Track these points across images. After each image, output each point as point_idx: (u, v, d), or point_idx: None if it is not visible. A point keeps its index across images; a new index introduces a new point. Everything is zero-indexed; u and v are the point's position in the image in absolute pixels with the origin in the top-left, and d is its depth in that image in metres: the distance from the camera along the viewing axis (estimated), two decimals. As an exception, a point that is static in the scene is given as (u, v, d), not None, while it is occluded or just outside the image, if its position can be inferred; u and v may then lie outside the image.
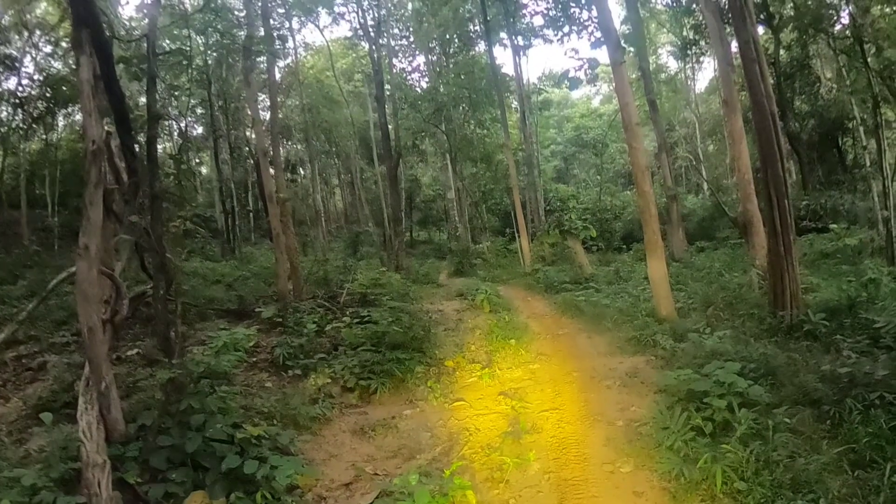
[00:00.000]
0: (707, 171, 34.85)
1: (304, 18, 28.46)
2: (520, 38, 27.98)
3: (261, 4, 16.33)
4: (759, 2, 20.87)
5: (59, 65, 26.27)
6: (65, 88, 24.86)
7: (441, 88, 28.79)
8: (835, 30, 20.62)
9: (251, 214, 34.95)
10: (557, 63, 76.64)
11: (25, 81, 25.22)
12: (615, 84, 12.11)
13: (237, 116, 31.66)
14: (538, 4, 25.89)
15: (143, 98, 22.09)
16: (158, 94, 16.83)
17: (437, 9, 28.61)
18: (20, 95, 24.80)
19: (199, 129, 33.72)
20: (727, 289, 11.40)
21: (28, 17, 24.65)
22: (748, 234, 12.64)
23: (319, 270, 16.86)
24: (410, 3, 32.79)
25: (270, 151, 16.38)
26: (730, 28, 13.68)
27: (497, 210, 36.68)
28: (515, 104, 32.34)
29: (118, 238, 6.65)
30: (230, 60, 25.86)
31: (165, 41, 20.38)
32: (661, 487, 5.12)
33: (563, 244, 21.10)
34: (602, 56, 23.92)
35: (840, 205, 20.24)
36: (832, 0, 20.17)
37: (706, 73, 51.26)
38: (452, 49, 31.31)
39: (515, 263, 24.41)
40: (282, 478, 5.19)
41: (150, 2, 9.65)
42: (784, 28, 23.30)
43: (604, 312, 12.03)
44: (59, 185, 26.46)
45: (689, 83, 38.52)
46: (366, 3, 26.01)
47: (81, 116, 5.81)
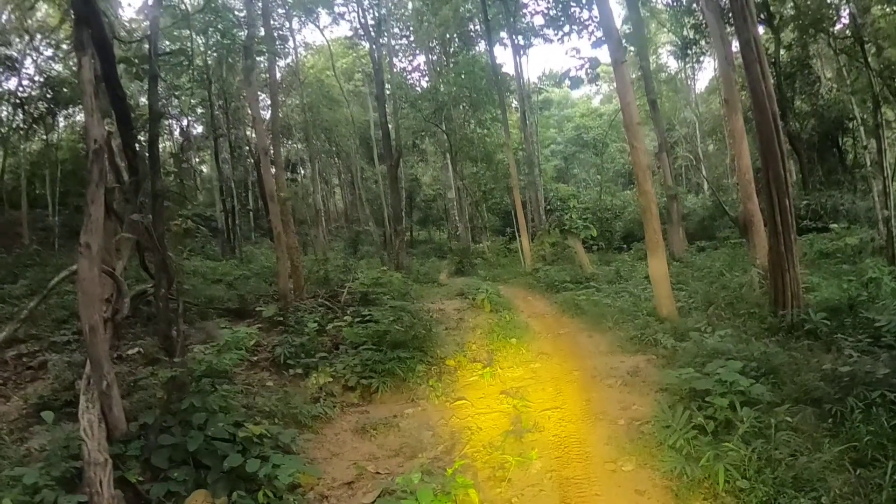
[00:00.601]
0: (707, 171, 34.86)
1: (305, 18, 28.43)
2: (520, 38, 27.95)
3: (261, 4, 16.35)
4: (760, 1, 20.87)
5: (60, 67, 26.29)
6: (66, 90, 24.91)
7: (441, 88, 28.75)
8: (835, 29, 20.64)
9: (251, 214, 34.89)
10: (558, 62, 76.79)
11: (26, 82, 25.29)
12: (616, 83, 12.10)
13: (238, 115, 31.60)
14: (538, 4, 25.94)
15: (144, 98, 22.24)
16: (160, 94, 16.86)
17: (438, 8, 28.61)
18: (20, 96, 24.80)
19: (200, 129, 33.70)
20: (728, 288, 11.39)
21: (29, 23, 24.70)
22: (749, 234, 12.64)
23: (320, 270, 16.87)
24: (411, 3, 32.80)
25: (271, 150, 16.38)
26: (730, 28, 13.68)
27: (497, 209, 36.63)
28: (516, 104, 32.32)
29: (119, 236, 6.63)
30: (230, 60, 25.82)
31: (166, 42, 20.37)
32: (664, 486, 5.12)
33: (564, 243, 21.08)
34: (603, 55, 24.00)
35: (840, 204, 20.24)
36: (832, 0, 20.18)
37: (706, 73, 51.39)
38: (453, 48, 31.33)
39: (516, 263, 24.41)
40: (284, 476, 5.19)
41: (152, 2, 9.67)
42: (784, 28, 23.31)
43: (605, 311, 12.03)
44: (60, 185, 26.41)
45: (690, 83, 38.52)
46: (366, 3, 26.00)
47: (83, 116, 5.82)
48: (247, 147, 33.10)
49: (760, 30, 19.30)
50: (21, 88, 24.87)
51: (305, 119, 32.67)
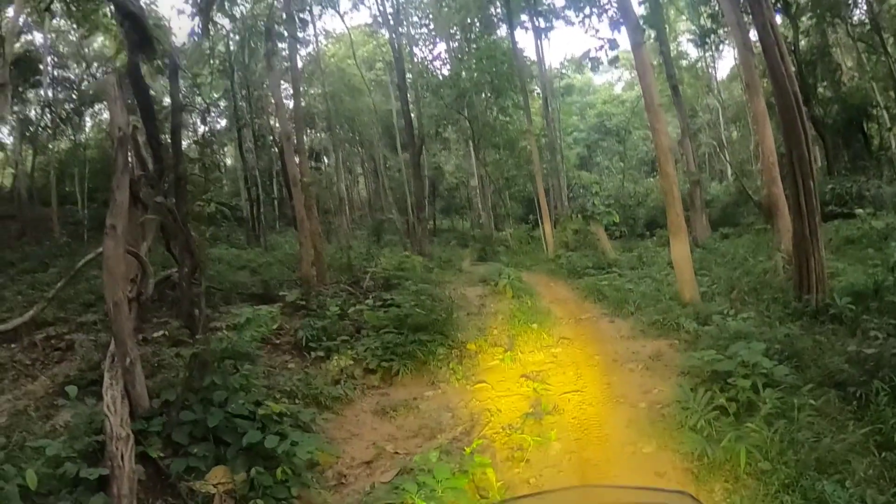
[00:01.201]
0: (731, 158, 34.23)
1: (325, 2, 28.38)
2: (541, 20, 27.61)
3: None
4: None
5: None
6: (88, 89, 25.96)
7: (463, 74, 28.58)
8: (853, 18, 20.13)
9: (276, 202, 35.16)
10: (579, 47, 75.93)
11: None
12: (635, 65, 11.96)
13: (260, 104, 31.82)
14: (559, -17, 25.76)
15: (168, 98, 22.67)
16: (182, 90, 17.03)
17: (458, -10, 28.42)
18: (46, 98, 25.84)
19: (223, 122, 33.99)
20: (751, 273, 11.22)
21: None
22: (773, 218, 12.40)
23: (343, 257, 16.96)
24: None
25: (294, 137, 16.46)
26: (747, 17, 13.36)
27: (520, 197, 36.38)
28: (538, 90, 32.01)
29: (144, 218, 6.74)
30: (252, 45, 25.99)
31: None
32: (684, 468, 5.05)
33: (586, 230, 20.94)
34: (623, 40, 23.58)
35: (866, 190, 19.67)
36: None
37: (727, 62, 50.34)
38: (473, 34, 31.02)
39: (539, 250, 24.29)
40: (302, 453, 5.24)
41: None
42: (801, 16, 22.75)
43: (626, 297, 11.88)
44: (89, 182, 27.03)
45: (710, 70, 37.75)
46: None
47: (108, 109, 5.95)
48: (270, 136, 33.31)
49: (778, 18, 18.89)
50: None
51: (328, 108, 32.74)
